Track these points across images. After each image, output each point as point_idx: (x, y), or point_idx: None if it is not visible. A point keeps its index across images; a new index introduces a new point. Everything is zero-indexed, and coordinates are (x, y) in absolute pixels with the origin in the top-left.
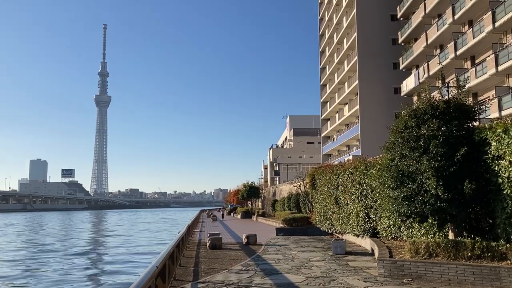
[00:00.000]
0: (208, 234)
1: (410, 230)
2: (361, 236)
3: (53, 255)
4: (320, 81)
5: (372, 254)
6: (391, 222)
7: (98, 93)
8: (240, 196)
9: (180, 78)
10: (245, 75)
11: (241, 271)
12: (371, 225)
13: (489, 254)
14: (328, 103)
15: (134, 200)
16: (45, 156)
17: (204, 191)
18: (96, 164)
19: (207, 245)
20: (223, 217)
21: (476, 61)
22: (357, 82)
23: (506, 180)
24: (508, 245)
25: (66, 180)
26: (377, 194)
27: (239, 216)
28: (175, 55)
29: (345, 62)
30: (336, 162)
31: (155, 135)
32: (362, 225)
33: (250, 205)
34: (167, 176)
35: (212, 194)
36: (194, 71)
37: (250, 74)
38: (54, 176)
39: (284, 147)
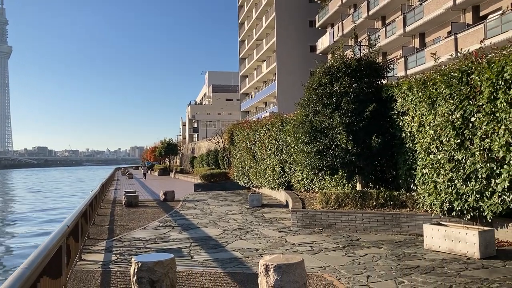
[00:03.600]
0: (124, 192)
1: (322, 183)
2: (276, 189)
3: None
4: (239, 37)
5: (287, 205)
6: (305, 175)
7: None
8: (158, 153)
9: (92, 29)
10: (162, 29)
11: (158, 227)
12: (286, 179)
13: (391, 202)
14: (246, 59)
15: (42, 159)
16: None
17: (119, 148)
18: None
19: (123, 203)
20: (145, 176)
21: (387, 22)
22: (274, 39)
23: (408, 134)
24: (408, 194)
25: None
26: (292, 149)
27: (156, 174)
28: (87, 2)
29: (263, 18)
30: (254, 119)
31: (65, 90)
32: (278, 179)
33: (168, 162)
34: (78, 134)
35: (128, 151)
36: (108, 22)
37: (168, 28)
38: None
39: (203, 103)
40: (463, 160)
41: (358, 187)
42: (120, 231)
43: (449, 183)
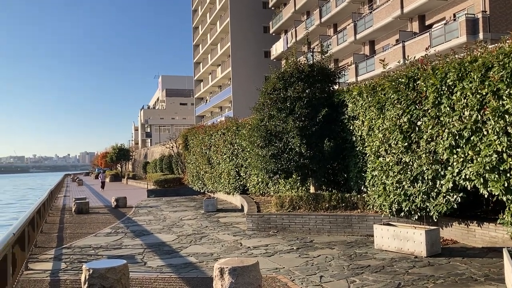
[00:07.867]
0: (74, 199)
1: (277, 186)
2: (232, 193)
3: None
4: (193, 41)
5: (242, 210)
6: (260, 179)
7: None
8: (109, 159)
9: (47, 28)
10: (116, 32)
11: (110, 234)
12: (241, 183)
13: (343, 204)
14: (201, 64)
15: None
16: None
17: (68, 154)
18: None
19: (73, 210)
20: (103, 186)
21: (338, 29)
22: (229, 44)
23: (359, 138)
24: (359, 196)
25: None
26: (247, 153)
27: (107, 180)
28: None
29: (218, 23)
30: (209, 123)
31: (8, 91)
32: (233, 183)
33: (120, 168)
34: (24, 139)
35: (78, 157)
36: (63, 24)
37: (122, 32)
38: None
39: (156, 108)
40: (410, 162)
41: (312, 189)
42: (70, 239)
43: (397, 185)
